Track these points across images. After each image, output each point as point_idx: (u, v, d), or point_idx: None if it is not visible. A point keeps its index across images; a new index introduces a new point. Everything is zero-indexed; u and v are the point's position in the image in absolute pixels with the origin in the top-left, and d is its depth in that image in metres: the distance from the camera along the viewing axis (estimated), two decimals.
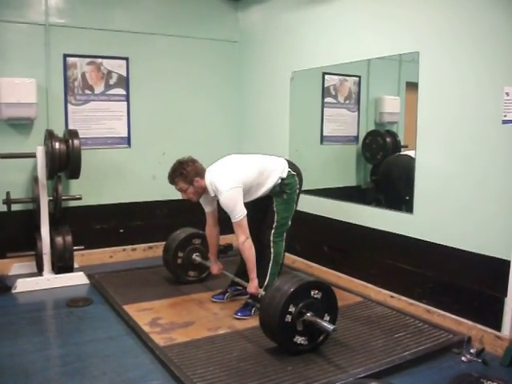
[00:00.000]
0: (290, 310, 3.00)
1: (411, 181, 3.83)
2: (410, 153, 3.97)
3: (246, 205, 3.59)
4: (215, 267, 4.09)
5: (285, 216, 3.76)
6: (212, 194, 3.67)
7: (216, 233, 4.01)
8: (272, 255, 3.73)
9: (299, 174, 3.84)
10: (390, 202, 4.44)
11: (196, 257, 4.43)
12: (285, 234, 3.80)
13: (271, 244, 3.73)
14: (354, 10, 4.28)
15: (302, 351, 3.09)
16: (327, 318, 3.13)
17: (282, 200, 3.74)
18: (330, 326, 2.99)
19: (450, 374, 2.93)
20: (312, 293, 3.09)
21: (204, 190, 3.70)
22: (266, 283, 3.65)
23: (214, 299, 4.06)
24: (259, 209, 3.79)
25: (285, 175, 3.72)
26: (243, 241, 3.53)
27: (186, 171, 3.64)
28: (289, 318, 3.01)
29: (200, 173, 3.68)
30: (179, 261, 4.43)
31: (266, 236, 3.74)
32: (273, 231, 3.73)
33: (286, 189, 3.73)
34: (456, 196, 3.49)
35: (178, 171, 3.67)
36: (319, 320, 3.03)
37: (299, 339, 3.07)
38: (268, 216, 3.76)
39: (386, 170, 4.80)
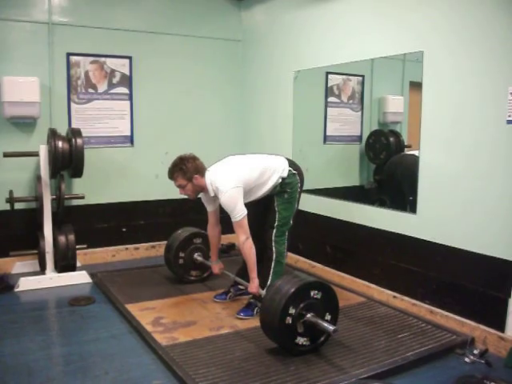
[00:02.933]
0: (290, 311, 2.99)
1: (416, 180, 3.82)
2: (416, 152, 3.95)
3: (247, 205, 3.59)
4: (216, 267, 4.09)
5: (286, 215, 3.74)
6: (212, 194, 3.66)
7: (217, 232, 4.01)
8: (274, 255, 3.72)
9: (300, 173, 3.83)
10: (395, 201, 4.42)
11: (197, 256, 4.42)
12: (287, 234, 3.79)
13: (273, 244, 3.72)
14: (358, 10, 4.27)
15: (304, 352, 3.08)
16: (328, 317, 3.12)
17: (283, 200, 3.73)
18: (331, 327, 2.98)
19: (454, 375, 2.92)
20: (312, 293, 3.07)
21: (203, 189, 3.70)
22: (268, 283, 3.64)
23: (216, 299, 4.06)
24: (260, 209, 3.79)
25: (285, 175, 3.71)
26: (243, 241, 3.52)
27: (185, 167, 3.63)
28: (289, 319, 3.00)
29: (200, 170, 3.67)
30: (181, 261, 4.42)
31: (267, 236, 3.73)
32: (274, 231, 3.72)
33: (287, 188, 3.72)
34: (460, 196, 3.47)
35: (178, 166, 3.66)
36: (320, 321, 3.02)
37: (301, 340, 3.06)
38: (269, 216, 3.75)
39: (391, 170, 4.78)
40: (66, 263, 4.57)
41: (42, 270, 4.62)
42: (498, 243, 3.24)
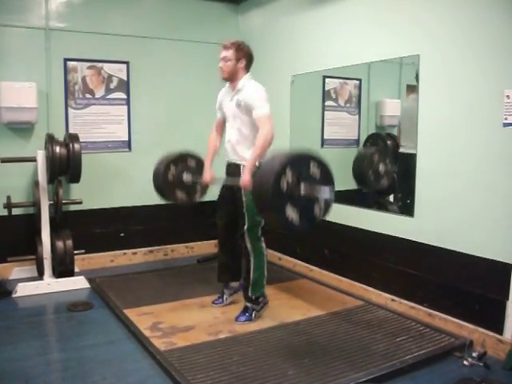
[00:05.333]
0: (287, 173, 2.77)
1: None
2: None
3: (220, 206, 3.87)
4: (208, 174, 3.93)
5: (255, 212, 3.47)
6: (235, 91, 3.69)
7: (218, 142, 3.98)
8: (252, 261, 3.66)
9: None
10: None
11: (187, 176, 4.25)
12: (260, 233, 3.70)
13: (250, 250, 3.65)
14: (355, 14, 4.28)
15: (290, 227, 2.90)
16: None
17: (249, 198, 3.54)
18: (328, 193, 2.86)
19: (452, 378, 2.92)
20: (311, 166, 2.88)
21: (235, 77, 3.69)
22: (251, 277, 3.66)
23: (214, 305, 4.06)
24: (231, 211, 3.79)
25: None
26: (269, 130, 3.47)
27: (244, 47, 3.70)
28: (284, 182, 2.77)
29: (248, 64, 3.72)
30: (170, 177, 4.22)
31: (243, 241, 3.68)
32: (246, 235, 3.64)
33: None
34: (457, 199, 3.47)
35: (238, 42, 3.71)
36: (318, 186, 2.86)
37: (290, 212, 2.82)
38: (239, 218, 3.69)
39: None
40: (63, 268, 4.56)
41: (40, 275, 4.61)
42: (495, 245, 3.24)
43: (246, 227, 3.64)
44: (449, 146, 3.52)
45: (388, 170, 4.70)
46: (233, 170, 3.75)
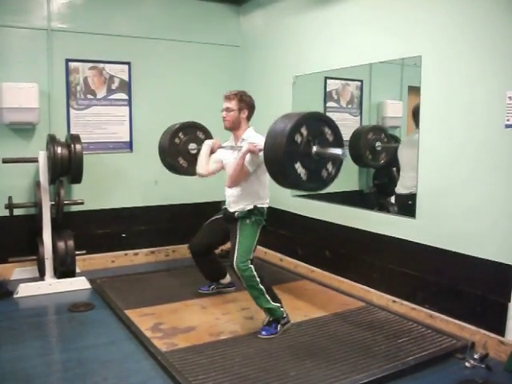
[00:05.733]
0: (302, 131, 2.79)
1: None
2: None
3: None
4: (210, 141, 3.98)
5: (246, 245, 3.58)
6: (235, 144, 3.74)
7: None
8: (244, 282, 3.53)
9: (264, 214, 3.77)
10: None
11: (193, 146, 4.35)
12: (250, 262, 3.53)
13: (238, 271, 3.52)
14: (356, 15, 4.28)
15: (295, 183, 2.92)
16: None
17: (245, 226, 3.65)
18: (339, 151, 2.84)
19: (454, 379, 2.93)
20: (326, 129, 2.90)
21: (237, 128, 3.72)
22: (271, 319, 3.54)
23: (200, 290, 4.30)
24: (212, 240, 4.03)
25: (260, 206, 3.68)
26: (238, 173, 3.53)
27: (246, 98, 3.71)
28: (299, 137, 2.79)
29: (250, 114, 3.75)
30: (177, 140, 4.34)
31: (234, 273, 3.60)
32: (236, 268, 3.50)
33: (252, 216, 3.65)
34: (458, 201, 3.47)
35: (241, 93, 3.72)
36: (329, 148, 2.87)
37: (300, 168, 2.83)
38: (232, 238, 3.67)
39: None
40: (65, 269, 4.56)
41: (42, 276, 4.61)
42: (497, 247, 3.24)
43: (235, 261, 3.51)
44: (450, 147, 3.51)
45: (385, 147, 4.74)
46: (230, 214, 3.76)
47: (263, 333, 3.49)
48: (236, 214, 3.68)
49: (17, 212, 4.60)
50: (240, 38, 5.87)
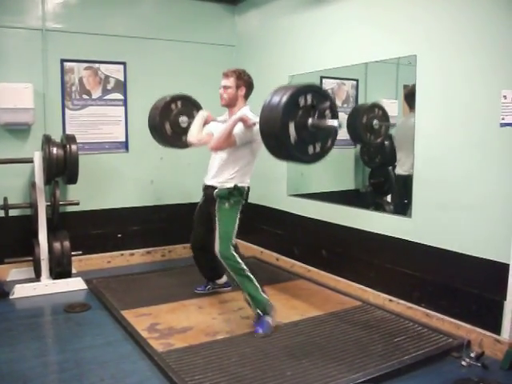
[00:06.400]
0: (299, 102, 2.82)
1: None
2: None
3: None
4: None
5: (226, 231, 3.60)
6: (227, 118, 3.71)
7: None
8: (230, 272, 3.58)
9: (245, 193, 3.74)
10: None
11: (183, 119, 4.24)
12: (233, 249, 3.58)
13: (220, 258, 3.58)
14: (352, 14, 4.28)
15: (297, 157, 2.95)
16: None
17: (223, 211, 3.64)
18: (336, 122, 2.86)
19: (450, 378, 2.93)
20: (318, 98, 2.91)
21: (235, 103, 3.70)
22: (257, 311, 3.55)
23: (196, 290, 4.30)
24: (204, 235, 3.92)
25: (240, 185, 3.66)
26: (221, 141, 3.49)
27: (244, 76, 3.70)
28: (303, 102, 2.83)
29: (248, 92, 3.74)
30: (168, 132, 4.22)
31: (213, 247, 3.64)
32: (218, 247, 3.57)
33: (232, 198, 3.63)
34: (454, 199, 3.48)
35: (239, 70, 3.72)
36: (325, 119, 2.89)
37: (293, 134, 2.82)
38: (214, 225, 3.67)
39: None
40: (61, 270, 4.55)
41: (37, 276, 4.60)
42: (493, 246, 3.24)
43: (216, 248, 3.57)
44: (445, 146, 3.52)
45: (382, 126, 4.71)
46: (209, 192, 3.73)
47: (260, 331, 3.47)
48: (215, 192, 3.65)
49: (12, 213, 4.58)
50: (235, 38, 5.87)
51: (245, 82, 3.70)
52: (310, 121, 2.86)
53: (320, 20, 4.64)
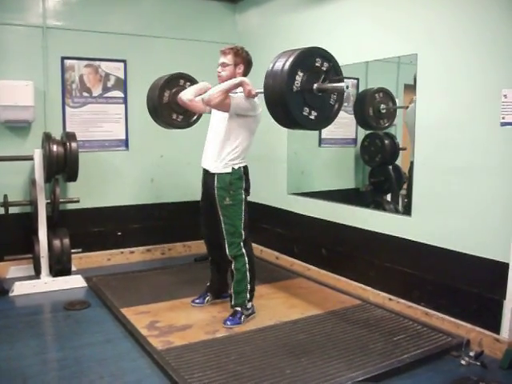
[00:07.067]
0: (298, 75, 2.85)
1: None
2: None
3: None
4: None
5: (231, 223, 3.57)
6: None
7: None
8: (234, 274, 3.60)
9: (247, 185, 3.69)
10: None
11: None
12: (242, 245, 3.59)
13: (232, 260, 3.59)
14: (353, 13, 4.28)
15: (304, 121, 2.93)
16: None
17: (226, 209, 3.58)
18: (342, 84, 2.86)
19: (449, 377, 2.93)
20: (324, 62, 2.95)
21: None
22: (233, 302, 3.64)
23: (193, 304, 4.01)
24: (211, 219, 3.73)
25: (237, 167, 3.58)
26: (218, 97, 3.39)
27: (242, 53, 3.62)
28: (298, 75, 2.86)
29: (246, 70, 3.65)
30: (165, 99, 4.14)
31: (224, 251, 3.62)
32: (226, 245, 3.58)
33: (231, 189, 3.57)
34: (454, 199, 3.48)
35: (237, 47, 3.65)
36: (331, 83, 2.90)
37: (304, 107, 2.87)
38: (219, 226, 3.63)
39: None
40: (60, 267, 4.55)
41: (37, 274, 4.60)
42: (492, 245, 3.24)
43: (227, 252, 3.58)
44: (446, 146, 3.52)
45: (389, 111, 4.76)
46: (209, 180, 3.66)
47: (228, 323, 3.59)
48: (215, 185, 3.56)
49: (12, 210, 4.58)
50: (236, 36, 5.86)
51: (243, 59, 3.62)
52: (315, 85, 2.86)
53: (320, 18, 4.63)
